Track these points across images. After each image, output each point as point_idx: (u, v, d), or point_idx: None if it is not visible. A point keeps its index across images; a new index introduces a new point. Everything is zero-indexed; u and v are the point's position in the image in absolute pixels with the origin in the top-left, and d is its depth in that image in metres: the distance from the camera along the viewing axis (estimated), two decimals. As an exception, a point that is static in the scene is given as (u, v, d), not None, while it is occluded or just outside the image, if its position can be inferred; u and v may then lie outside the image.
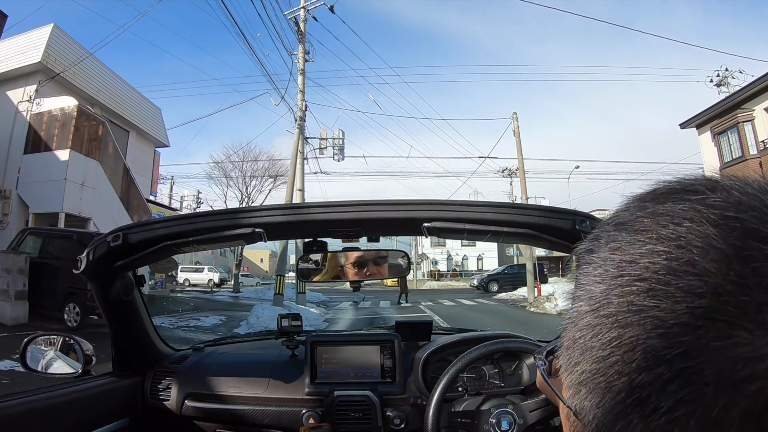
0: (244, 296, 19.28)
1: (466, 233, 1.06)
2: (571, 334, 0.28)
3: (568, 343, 0.28)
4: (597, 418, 0.25)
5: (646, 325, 0.23)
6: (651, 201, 0.27)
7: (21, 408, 1.01)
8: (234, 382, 1.35)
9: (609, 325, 0.25)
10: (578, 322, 0.27)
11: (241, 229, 1.06)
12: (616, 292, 0.25)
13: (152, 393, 1.36)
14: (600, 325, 0.25)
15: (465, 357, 1.16)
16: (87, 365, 1.23)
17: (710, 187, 0.25)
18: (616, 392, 0.24)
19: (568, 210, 1.05)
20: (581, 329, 0.27)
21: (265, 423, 1.30)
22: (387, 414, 1.27)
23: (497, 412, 1.15)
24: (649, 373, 0.22)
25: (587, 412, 0.26)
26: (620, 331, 0.24)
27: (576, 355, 0.27)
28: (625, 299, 0.24)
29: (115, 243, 1.06)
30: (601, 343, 0.25)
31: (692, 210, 0.24)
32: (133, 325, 1.34)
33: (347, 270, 1.30)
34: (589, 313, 0.26)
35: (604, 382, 0.24)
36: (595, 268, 0.27)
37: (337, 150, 14.17)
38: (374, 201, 1.07)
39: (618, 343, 0.24)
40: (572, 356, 0.28)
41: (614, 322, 0.24)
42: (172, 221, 1.10)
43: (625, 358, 0.23)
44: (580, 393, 0.27)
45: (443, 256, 38.44)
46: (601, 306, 0.25)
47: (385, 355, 1.37)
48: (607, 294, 0.25)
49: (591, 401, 0.26)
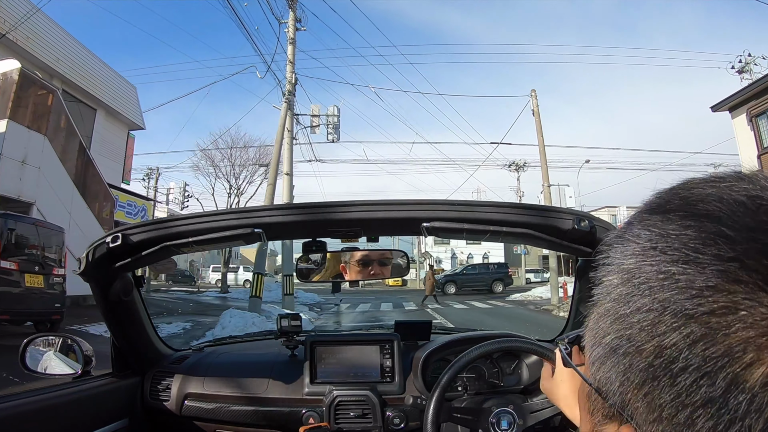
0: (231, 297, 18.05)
1: (465, 233, 1.07)
2: (599, 309, 0.29)
3: (595, 319, 0.29)
4: (623, 386, 0.26)
5: (678, 288, 0.24)
6: (682, 189, 0.28)
7: (20, 409, 1.01)
8: (234, 383, 1.35)
9: (641, 292, 0.25)
10: (609, 294, 0.28)
11: (240, 230, 1.06)
12: (649, 261, 0.26)
13: (152, 393, 1.36)
14: (632, 294, 0.26)
15: (464, 356, 1.13)
16: (86, 366, 1.23)
17: (737, 178, 0.27)
18: (647, 355, 0.25)
19: (568, 210, 1.05)
20: (612, 300, 0.28)
21: (265, 423, 1.31)
22: (386, 414, 1.27)
23: (497, 411, 1.14)
24: (680, 332, 0.23)
25: (612, 382, 0.27)
26: (652, 296, 0.25)
27: (605, 326, 0.28)
28: (658, 267, 0.25)
29: (114, 244, 1.05)
30: (632, 309, 0.26)
31: (721, 192, 0.26)
32: (132, 326, 1.34)
33: (346, 270, 1.30)
34: (620, 285, 0.27)
35: (634, 347, 0.25)
36: (627, 245, 0.28)
37: (331, 129, 12.32)
38: (373, 201, 1.07)
39: (649, 308, 0.25)
40: (600, 329, 0.28)
41: (647, 288, 0.25)
42: (171, 222, 1.10)
43: (656, 320, 0.24)
44: (605, 364, 0.28)
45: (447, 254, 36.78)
46: (634, 276, 0.26)
47: (384, 355, 1.36)
48: (640, 265, 0.26)
49: (618, 369, 0.26)
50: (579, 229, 1.00)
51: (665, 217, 0.27)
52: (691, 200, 0.27)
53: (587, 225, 1.00)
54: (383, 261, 1.31)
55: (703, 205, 0.26)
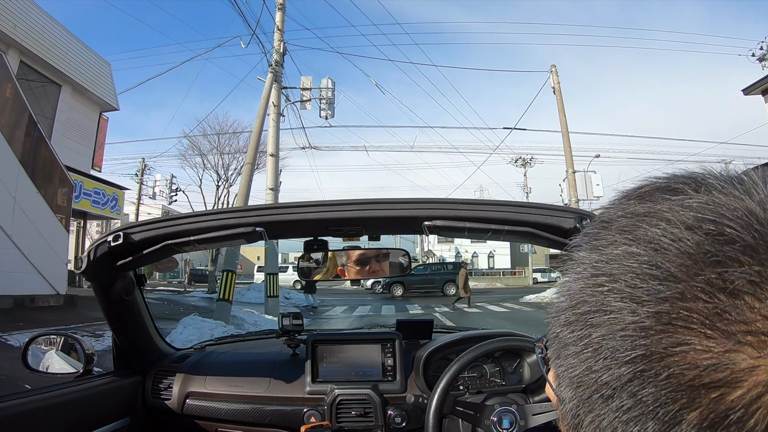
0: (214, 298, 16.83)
1: (466, 231, 1.06)
2: (554, 328, 0.29)
3: (552, 337, 0.29)
4: (573, 410, 0.26)
5: (612, 326, 0.23)
6: (635, 199, 0.27)
7: (22, 408, 1.01)
8: (235, 381, 1.35)
9: (582, 323, 0.25)
10: (559, 318, 0.28)
11: (241, 228, 1.06)
12: (589, 291, 0.25)
13: (153, 392, 1.36)
14: (575, 322, 0.26)
15: (466, 355, 1.14)
16: (88, 365, 1.24)
17: (694, 187, 0.25)
18: (585, 388, 0.25)
19: (570, 208, 1.04)
20: (561, 325, 0.27)
21: (267, 422, 1.31)
22: (388, 412, 1.27)
23: (500, 410, 1.13)
24: (612, 372, 0.23)
25: (566, 402, 0.27)
26: (590, 330, 0.24)
27: (557, 348, 0.28)
28: (597, 299, 0.24)
29: (115, 243, 1.05)
30: (574, 339, 0.26)
31: (670, 211, 0.24)
32: (134, 325, 1.33)
33: (348, 268, 1.29)
34: (567, 310, 0.27)
35: (577, 377, 0.25)
36: (576, 266, 0.27)
37: (325, 104, 10.77)
38: (374, 200, 1.07)
39: (588, 341, 0.24)
40: (555, 349, 0.28)
41: (586, 321, 0.25)
42: (172, 220, 1.09)
43: (594, 356, 0.24)
44: (561, 384, 0.28)
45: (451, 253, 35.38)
46: (578, 304, 0.26)
47: (386, 354, 1.37)
48: (583, 292, 0.26)
49: (568, 393, 0.27)
50: (581, 227, 0.98)
51: (613, 238, 0.26)
52: (639, 221, 0.25)
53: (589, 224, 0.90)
54: (384, 259, 1.30)
55: (647, 228, 0.24)
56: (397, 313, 12.13)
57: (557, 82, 12.26)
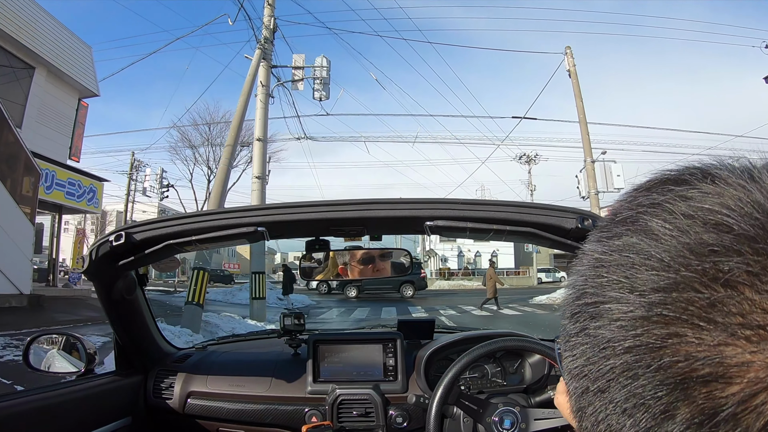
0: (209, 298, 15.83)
1: (468, 232, 1.05)
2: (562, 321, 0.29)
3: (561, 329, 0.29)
4: (575, 402, 0.26)
5: (609, 317, 0.23)
6: (643, 191, 0.27)
7: (24, 407, 1.01)
8: (236, 381, 1.35)
9: (583, 314, 0.25)
10: (566, 310, 0.28)
11: (243, 228, 1.05)
12: (591, 282, 0.25)
13: (155, 392, 1.36)
14: (578, 314, 0.26)
15: (467, 355, 1.14)
16: (90, 364, 1.23)
17: (700, 177, 0.24)
18: (585, 380, 0.25)
19: (572, 208, 1.04)
20: (567, 317, 0.27)
21: (268, 421, 1.30)
22: (389, 412, 1.26)
23: (502, 410, 1.13)
24: (606, 364, 0.23)
25: (571, 395, 0.27)
26: (589, 322, 0.24)
27: (563, 341, 0.28)
28: (597, 290, 0.24)
29: (117, 242, 1.04)
30: (576, 330, 0.26)
31: (671, 202, 0.24)
32: (135, 324, 1.33)
33: (349, 269, 1.29)
34: (572, 302, 0.27)
35: (578, 369, 0.25)
36: (582, 258, 0.28)
37: (319, 84, 9.81)
38: (376, 199, 1.06)
39: (587, 333, 0.24)
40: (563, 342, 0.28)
41: (586, 312, 0.25)
42: (174, 220, 1.09)
43: (592, 348, 0.24)
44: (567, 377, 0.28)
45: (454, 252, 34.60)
46: (581, 295, 0.26)
47: (387, 354, 1.36)
48: (586, 284, 0.26)
49: (571, 386, 0.27)
50: (582, 227, 0.99)
51: (616, 230, 0.26)
52: (641, 212, 0.25)
53: (590, 224, 0.99)
54: (386, 260, 1.30)
55: (648, 219, 0.24)
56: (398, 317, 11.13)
57: (573, 65, 11.15)
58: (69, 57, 11.30)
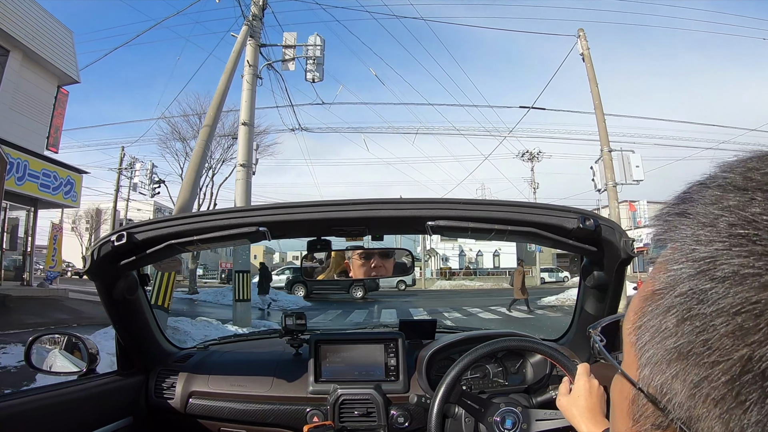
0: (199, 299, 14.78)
1: (470, 231, 1.06)
2: (661, 302, 0.25)
3: (652, 313, 0.25)
4: (693, 399, 0.22)
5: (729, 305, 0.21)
6: (761, 162, 0.25)
7: (26, 406, 1.01)
8: (238, 381, 1.35)
9: (725, 289, 0.21)
10: (676, 287, 0.24)
11: (244, 228, 1.06)
12: (735, 251, 0.22)
13: (156, 391, 1.35)
14: (711, 290, 0.22)
15: (469, 355, 1.14)
16: (91, 364, 1.23)
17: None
18: (730, 366, 0.21)
19: (573, 208, 1.04)
20: (681, 295, 0.23)
21: (269, 421, 1.30)
22: (391, 412, 1.26)
23: (504, 410, 1.13)
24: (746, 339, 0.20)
25: (677, 393, 0.23)
26: (742, 296, 0.21)
27: (670, 325, 0.24)
28: (746, 261, 0.21)
29: (119, 242, 1.05)
30: (712, 310, 0.22)
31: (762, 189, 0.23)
32: (137, 324, 1.32)
33: (351, 268, 1.29)
34: (693, 277, 0.23)
35: (714, 356, 0.21)
36: (697, 228, 0.24)
37: (312, 64, 8.98)
38: (378, 199, 1.07)
39: (738, 310, 0.21)
40: (662, 327, 0.24)
41: (733, 285, 0.21)
42: (176, 220, 1.09)
43: (747, 326, 0.20)
44: (668, 371, 0.24)
45: (455, 251, 33.93)
46: (713, 268, 0.22)
47: (389, 354, 1.36)
48: (722, 254, 0.22)
49: (688, 379, 0.22)
50: (584, 228, 0.99)
51: (747, 196, 0.23)
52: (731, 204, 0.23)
53: (592, 224, 1.00)
54: (387, 259, 1.30)
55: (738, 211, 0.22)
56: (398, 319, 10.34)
57: (586, 48, 10.21)
58: (47, 41, 10.49)
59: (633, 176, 9.39)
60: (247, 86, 8.27)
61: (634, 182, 9.46)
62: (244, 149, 8.48)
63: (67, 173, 11.03)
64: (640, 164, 9.51)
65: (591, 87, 10.19)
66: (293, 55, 8.82)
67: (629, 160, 9.50)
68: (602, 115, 10.14)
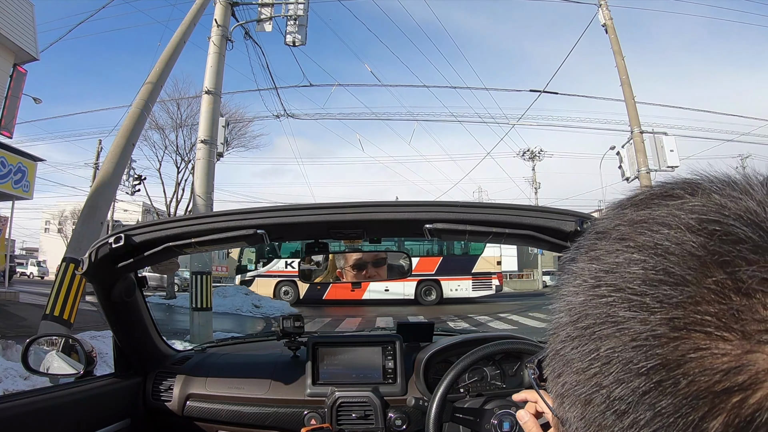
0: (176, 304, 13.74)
1: (467, 234, 1.06)
2: (553, 345, 0.28)
3: (551, 354, 0.28)
4: (581, 429, 0.25)
5: (622, 338, 0.22)
6: (630, 207, 0.27)
7: (23, 409, 1.01)
8: (236, 383, 1.35)
9: (587, 337, 0.24)
10: (559, 334, 0.27)
11: (243, 231, 1.06)
12: (593, 303, 0.24)
13: (154, 394, 1.36)
14: (579, 338, 0.25)
15: (467, 358, 1.15)
16: (89, 366, 1.23)
17: (690, 191, 0.25)
18: (596, 405, 0.23)
19: (571, 211, 1.05)
20: (562, 341, 0.26)
21: (267, 424, 1.31)
22: (388, 415, 1.27)
23: (500, 413, 1.13)
24: (626, 386, 0.22)
25: (570, 423, 0.26)
26: (598, 344, 0.23)
27: (558, 366, 0.27)
28: (602, 311, 0.24)
29: (117, 244, 1.05)
30: (580, 355, 0.24)
31: (670, 216, 0.24)
32: (134, 327, 1.33)
33: (348, 271, 1.31)
34: (568, 325, 0.26)
35: (585, 395, 0.24)
36: (574, 278, 0.27)
37: (293, 25, 7.43)
38: (376, 202, 1.08)
39: (596, 356, 0.23)
40: (555, 367, 0.27)
41: (592, 335, 0.24)
42: (174, 222, 1.10)
43: (603, 371, 0.23)
44: (563, 404, 0.27)
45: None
46: (580, 318, 0.25)
47: (386, 357, 1.37)
48: (585, 305, 0.25)
49: (573, 413, 0.26)
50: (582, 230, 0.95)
51: (612, 247, 0.25)
52: (639, 228, 0.24)
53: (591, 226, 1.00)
54: (385, 262, 1.31)
55: (650, 234, 0.23)
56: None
57: (609, 17, 8.91)
58: (2, 12, 9.16)
59: (667, 161, 8.08)
60: (215, 48, 6.91)
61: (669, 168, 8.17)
62: (207, 122, 6.96)
63: (18, 159, 9.63)
64: (675, 148, 8.26)
65: (617, 61, 8.79)
66: (271, 14, 7.47)
67: (663, 143, 8.16)
68: (630, 91, 8.76)
